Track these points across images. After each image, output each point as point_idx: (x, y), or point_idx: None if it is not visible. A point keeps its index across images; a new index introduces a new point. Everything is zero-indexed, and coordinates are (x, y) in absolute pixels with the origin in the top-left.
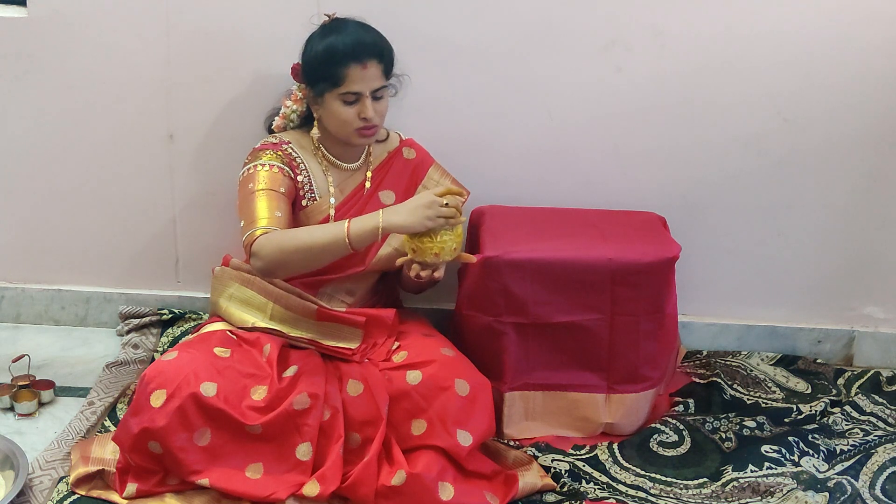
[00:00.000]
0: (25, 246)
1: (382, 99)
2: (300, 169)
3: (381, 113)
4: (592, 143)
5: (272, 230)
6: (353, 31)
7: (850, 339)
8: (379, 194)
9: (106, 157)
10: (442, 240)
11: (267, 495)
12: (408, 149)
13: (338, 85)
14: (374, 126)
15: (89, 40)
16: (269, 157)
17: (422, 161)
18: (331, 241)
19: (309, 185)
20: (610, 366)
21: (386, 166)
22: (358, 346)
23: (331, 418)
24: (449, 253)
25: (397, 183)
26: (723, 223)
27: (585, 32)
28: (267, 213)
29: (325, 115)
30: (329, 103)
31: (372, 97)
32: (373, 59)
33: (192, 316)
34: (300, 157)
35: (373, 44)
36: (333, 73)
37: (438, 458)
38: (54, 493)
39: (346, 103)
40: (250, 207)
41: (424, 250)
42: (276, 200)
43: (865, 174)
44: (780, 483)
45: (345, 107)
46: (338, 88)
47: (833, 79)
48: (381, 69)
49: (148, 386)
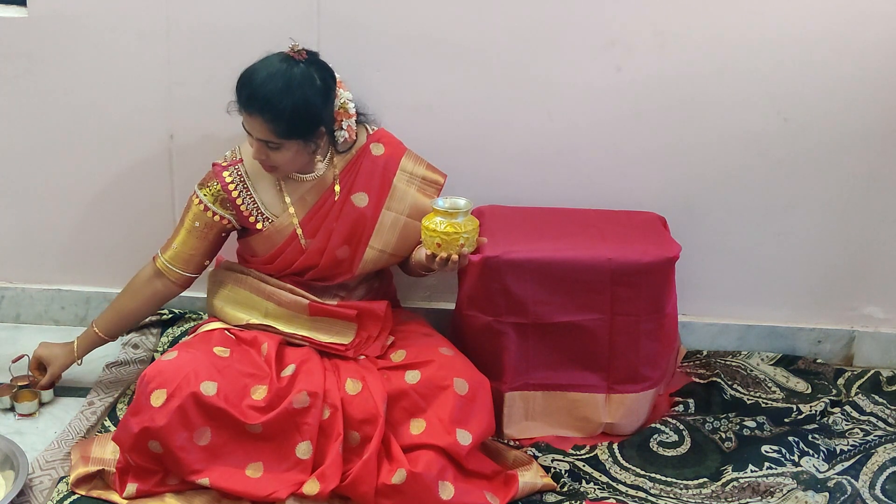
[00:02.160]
0: (25, 246)
1: (280, 149)
2: (242, 198)
3: (276, 160)
4: (592, 143)
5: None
6: (253, 77)
7: (850, 339)
8: (352, 198)
9: (106, 157)
10: (467, 229)
11: (267, 494)
12: (375, 144)
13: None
14: (269, 166)
15: (89, 40)
16: (208, 194)
17: (392, 154)
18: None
19: (256, 210)
20: (610, 366)
21: (354, 168)
22: (352, 341)
23: (330, 417)
24: (471, 243)
25: (369, 183)
26: (723, 223)
27: (586, 32)
28: (176, 244)
29: None
30: None
31: (266, 145)
32: (256, 115)
33: (191, 316)
34: (247, 180)
35: (260, 102)
36: (237, 103)
37: (439, 458)
38: (54, 493)
39: (249, 135)
40: (174, 231)
41: (451, 242)
42: (190, 237)
43: (865, 174)
44: (780, 483)
45: (249, 138)
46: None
47: (833, 79)
48: (268, 128)
49: (148, 385)
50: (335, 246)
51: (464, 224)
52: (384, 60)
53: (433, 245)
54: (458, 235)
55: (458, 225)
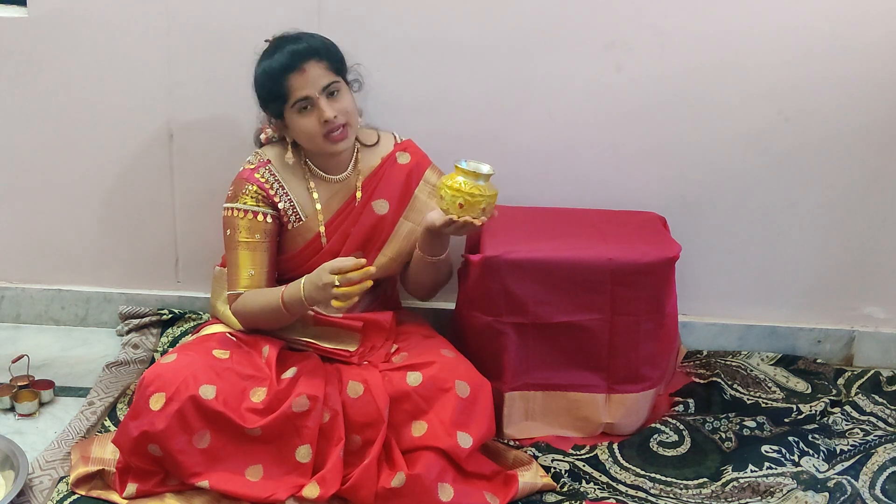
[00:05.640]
0: (25, 246)
1: (340, 94)
2: (279, 196)
3: (343, 110)
4: (593, 142)
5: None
6: (284, 44)
7: (850, 339)
8: (372, 204)
9: (106, 156)
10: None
11: (266, 497)
12: (402, 153)
13: (286, 99)
14: (340, 126)
15: (89, 40)
16: (248, 199)
17: (417, 164)
18: (275, 307)
19: (292, 209)
20: (610, 366)
21: (378, 174)
22: (356, 350)
23: (331, 420)
24: (490, 211)
25: (390, 191)
26: (723, 223)
27: (586, 32)
28: (245, 273)
29: (294, 133)
30: (289, 120)
31: (326, 95)
32: (310, 61)
33: (191, 316)
34: (280, 179)
35: (306, 48)
36: (277, 90)
37: (438, 459)
38: (54, 493)
39: (303, 112)
40: (232, 261)
41: (473, 205)
42: (256, 253)
43: (866, 174)
44: (780, 483)
45: (304, 118)
46: (288, 102)
47: (834, 78)
48: (325, 66)
49: (147, 389)
50: (349, 250)
51: (486, 188)
52: (384, 60)
53: (455, 206)
54: (482, 198)
55: (482, 188)
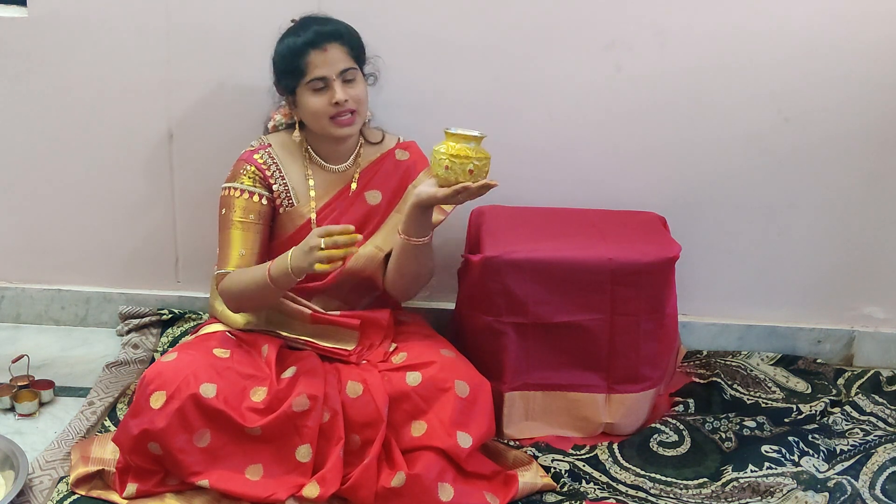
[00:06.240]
0: (25, 246)
1: (355, 82)
2: (275, 178)
3: (355, 97)
4: (593, 142)
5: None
6: (311, 24)
7: (850, 339)
8: (365, 194)
9: (106, 156)
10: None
11: (267, 496)
12: (401, 150)
13: (303, 75)
14: (348, 111)
15: (89, 40)
16: (246, 179)
17: (415, 163)
18: (261, 282)
19: (285, 192)
20: (610, 366)
21: (375, 167)
22: (354, 348)
23: (330, 420)
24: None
25: (385, 183)
26: (723, 223)
27: (586, 32)
28: (236, 252)
29: (302, 112)
30: (301, 98)
31: (342, 80)
32: (332, 42)
33: (192, 316)
34: (278, 162)
35: (332, 30)
36: (296, 64)
37: (438, 459)
38: (54, 493)
39: (316, 92)
40: (224, 241)
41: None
42: (248, 234)
43: (865, 174)
44: (780, 483)
45: (315, 97)
46: (304, 78)
47: (834, 78)
48: (346, 51)
49: (147, 387)
50: None
51: (474, 150)
52: (384, 60)
53: (441, 169)
54: (467, 160)
55: (468, 150)
